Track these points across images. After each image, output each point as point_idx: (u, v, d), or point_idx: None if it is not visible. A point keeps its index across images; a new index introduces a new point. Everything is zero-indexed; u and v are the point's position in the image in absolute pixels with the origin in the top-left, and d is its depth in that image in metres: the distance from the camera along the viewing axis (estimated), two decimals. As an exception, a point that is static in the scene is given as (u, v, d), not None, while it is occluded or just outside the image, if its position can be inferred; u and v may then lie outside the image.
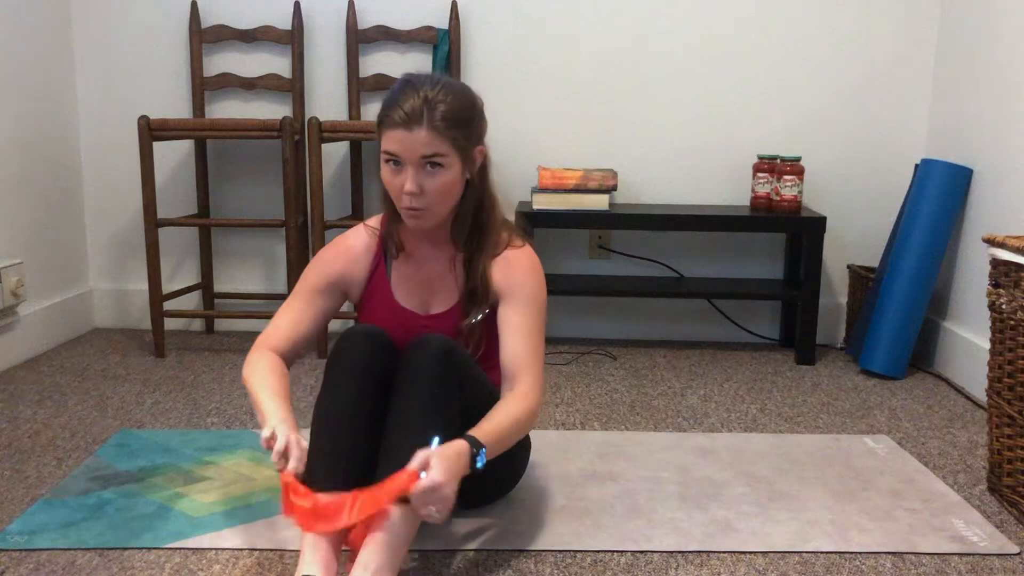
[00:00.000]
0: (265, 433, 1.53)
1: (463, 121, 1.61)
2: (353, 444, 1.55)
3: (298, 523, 1.48)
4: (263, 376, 1.67)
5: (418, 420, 1.54)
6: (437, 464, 1.43)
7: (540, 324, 1.73)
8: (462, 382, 1.61)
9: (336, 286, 1.79)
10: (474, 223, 1.73)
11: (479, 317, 1.73)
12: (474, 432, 1.54)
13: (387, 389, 1.62)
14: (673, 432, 2.34)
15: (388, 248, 1.78)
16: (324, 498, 1.46)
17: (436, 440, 1.49)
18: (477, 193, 1.71)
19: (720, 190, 3.21)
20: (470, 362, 1.66)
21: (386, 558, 1.44)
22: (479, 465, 1.51)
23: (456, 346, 1.62)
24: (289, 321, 1.77)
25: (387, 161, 1.62)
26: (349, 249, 1.80)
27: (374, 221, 1.83)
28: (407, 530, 1.48)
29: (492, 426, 1.57)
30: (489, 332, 1.75)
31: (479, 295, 1.72)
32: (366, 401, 1.58)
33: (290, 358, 1.78)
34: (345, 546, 1.52)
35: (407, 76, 1.64)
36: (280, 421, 1.56)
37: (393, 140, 1.59)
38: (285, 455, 1.51)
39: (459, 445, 1.49)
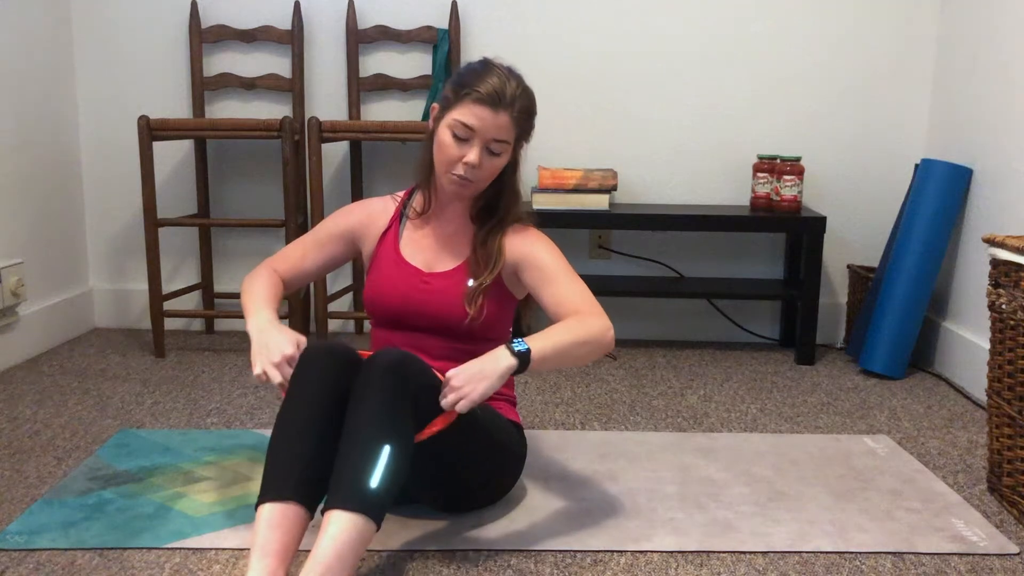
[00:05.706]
0: (256, 370, 1.62)
1: (531, 116, 1.79)
2: (308, 457, 1.55)
3: None
4: (260, 287, 1.80)
5: (368, 431, 1.53)
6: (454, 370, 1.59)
7: (573, 271, 1.83)
8: (416, 394, 1.59)
9: (350, 236, 1.91)
10: (495, 205, 1.84)
11: (488, 279, 1.80)
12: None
13: (347, 404, 1.62)
14: (673, 432, 2.34)
15: (405, 212, 1.90)
16: None
17: (387, 448, 1.51)
18: (508, 181, 1.84)
19: (720, 190, 3.21)
20: (426, 372, 1.63)
21: (335, 567, 1.42)
22: (519, 349, 1.60)
23: (410, 358, 1.61)
24: (299, 254, 1.91)
25: (453, 131, 1.71)
26: (369, 204, 1.95)
27: (399, 194, 1.96)
28: (361, 539, 1.46)
29: (540, 334, 1.67)
30: (489, 303, 1.81)
31: (490, 256, 1.80)
32: (324, 415, 1.58)
33: (289, 286, 1.91)
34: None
35: (487, 60, 1.76)
36: (265, 320, 1.70)
37: (474, 115, 1.70)
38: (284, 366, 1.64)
39: (486, 354, 1.62)
